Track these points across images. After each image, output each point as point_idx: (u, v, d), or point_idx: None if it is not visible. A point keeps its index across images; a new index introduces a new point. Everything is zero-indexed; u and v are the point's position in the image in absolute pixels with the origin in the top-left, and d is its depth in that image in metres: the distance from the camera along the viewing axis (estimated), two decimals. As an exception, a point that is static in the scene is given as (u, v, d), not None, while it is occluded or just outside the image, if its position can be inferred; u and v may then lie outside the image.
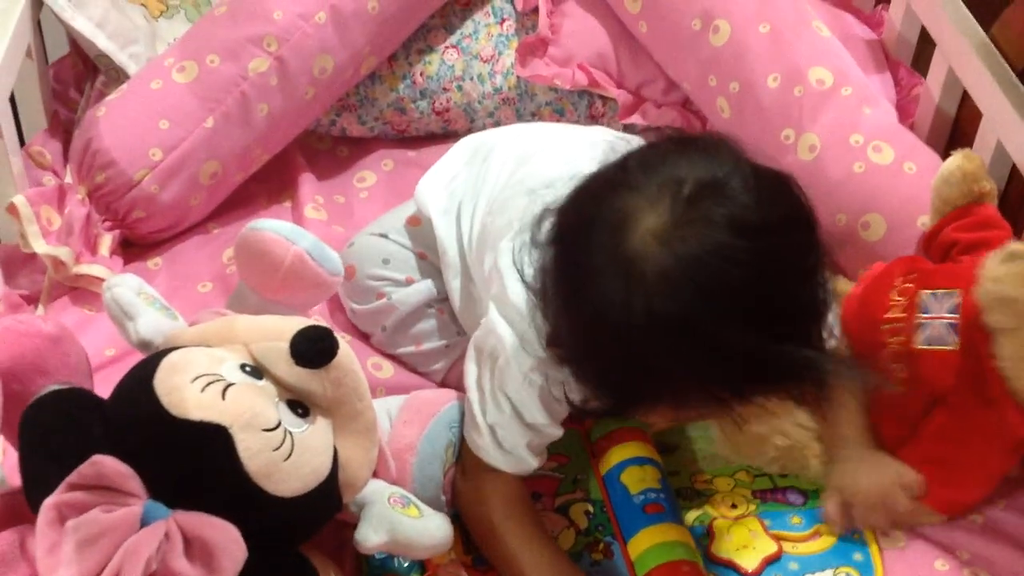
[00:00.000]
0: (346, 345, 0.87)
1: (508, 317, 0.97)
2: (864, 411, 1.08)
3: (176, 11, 1.54)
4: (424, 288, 1.18)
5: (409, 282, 1.19)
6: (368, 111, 1.45)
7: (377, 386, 1.16)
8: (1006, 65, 1.30)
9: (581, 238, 0.85)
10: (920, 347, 1.03)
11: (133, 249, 1.34)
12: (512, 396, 0.98)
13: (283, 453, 0.82)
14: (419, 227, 1.20)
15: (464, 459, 1.03)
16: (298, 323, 0.87)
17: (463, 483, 1.03)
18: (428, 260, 1.19)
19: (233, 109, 1.31)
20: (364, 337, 1.22)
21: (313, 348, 0.85)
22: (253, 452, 0.81)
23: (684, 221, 0.81)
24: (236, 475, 0.81)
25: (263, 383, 0.85)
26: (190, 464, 0.81)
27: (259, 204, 1.39)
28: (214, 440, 0.80)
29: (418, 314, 1.18)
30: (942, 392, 1.03)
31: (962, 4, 1.38)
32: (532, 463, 1.01)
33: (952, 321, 1.02)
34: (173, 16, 1.53)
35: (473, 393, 1.01)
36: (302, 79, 1.34)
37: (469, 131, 1.40)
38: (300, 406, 0.86)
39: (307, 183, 1.39)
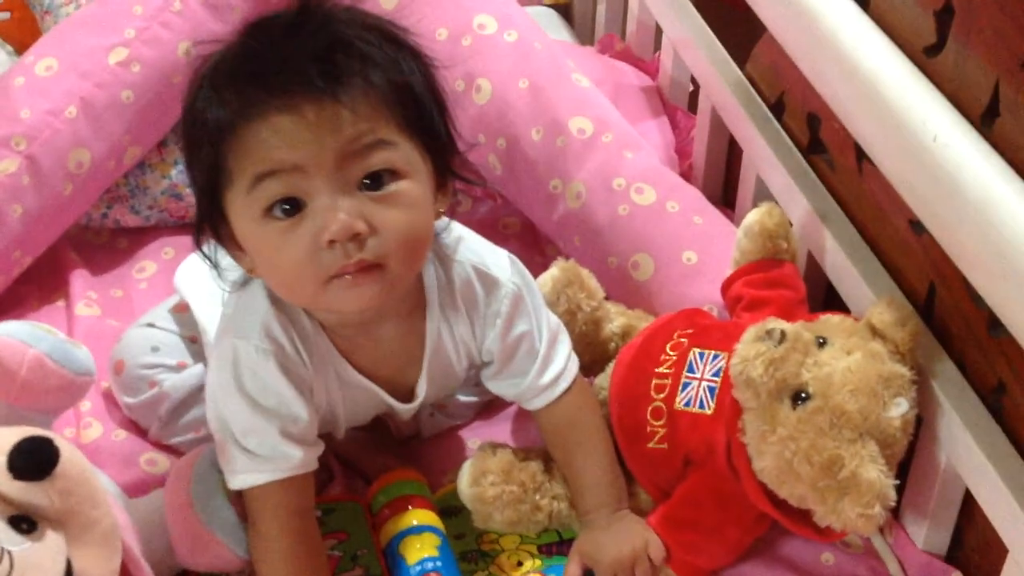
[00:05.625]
0: (74, 452, 0.84)
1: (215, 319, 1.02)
2: (612, 465, 1.06)
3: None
4: (198, 372, 1.15)
5: (181, 367, 1.16)
6: (141, 200, 1.42)
7: (152, 483, 1.13)
8: (759, 100, 1.34)
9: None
10: (678, 407, 1.03)
11: None
12: (250, 389, 0.95)
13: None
14: (186, 314, 1.17)
15: (250, 514, 0.98)
16: (15, 434, 0.82)
17: (251, 538, 0.99)
18: (199, 344, 1.17)
19: (-17, 214, 1.27)
20: (142, 432, 1.19)
21: (30, 460, 0.81)
22: (-39, 579, 0.77)
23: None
24: (-55, 605, 0.77)
25: (-20, 501, 0.81)
26: None
27: (30, 306, 1.34)
28: (-83, 571, 0.76)
29: (193, 399, 1.15)
30: (694, 455, 1.02)
31: (719, 44, 1.43)
32: (298, 453, 0.96)
33: (713, 385, 1.02)
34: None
35: (216, 424, 0.98)
36: (58, 175, 1.30)
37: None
38: (26, 521, 0.82)
39: (79, 279, 1.35)
